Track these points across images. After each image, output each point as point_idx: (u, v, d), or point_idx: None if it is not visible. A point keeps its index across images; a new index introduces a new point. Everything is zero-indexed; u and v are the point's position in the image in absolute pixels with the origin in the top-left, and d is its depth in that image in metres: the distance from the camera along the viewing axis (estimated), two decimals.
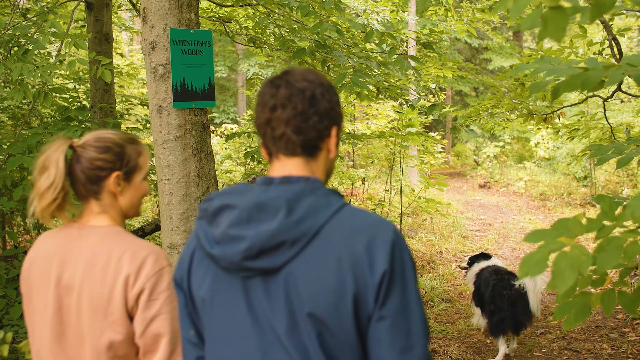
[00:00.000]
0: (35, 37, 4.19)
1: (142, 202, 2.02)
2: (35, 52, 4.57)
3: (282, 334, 1.37)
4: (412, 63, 5.20)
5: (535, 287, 4.88)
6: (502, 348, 5.12)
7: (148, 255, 1.79)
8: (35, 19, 4.72)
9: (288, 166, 1.47)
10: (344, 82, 4.94)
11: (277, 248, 1.36)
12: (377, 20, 5.29)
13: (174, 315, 1.77)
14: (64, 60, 4.72)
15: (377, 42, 5.13)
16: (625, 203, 2.25)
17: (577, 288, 1.63)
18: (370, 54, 5.76)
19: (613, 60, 5.43)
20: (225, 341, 1.45)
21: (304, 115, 1.44)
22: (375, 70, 5.65)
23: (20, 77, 3.90)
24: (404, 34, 7.54)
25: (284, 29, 6.14)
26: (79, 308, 1.77)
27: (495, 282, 5.17)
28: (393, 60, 5.00)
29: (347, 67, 5.07)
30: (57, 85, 5.12)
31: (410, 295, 1.36)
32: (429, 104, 5.62)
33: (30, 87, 5.09)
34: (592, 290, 1.69)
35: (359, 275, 1.33)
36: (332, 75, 6.42)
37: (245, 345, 1.42)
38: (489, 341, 5.55)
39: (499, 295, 5.09)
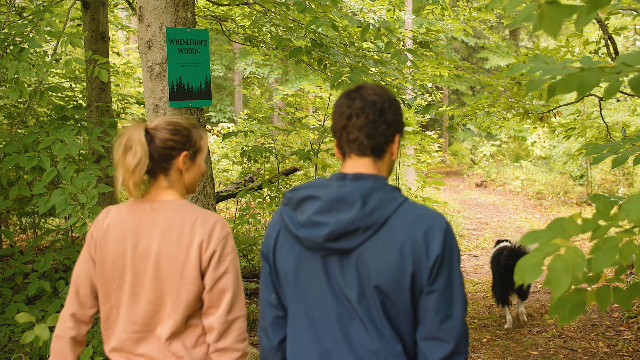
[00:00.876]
0: (31, 35, 4.18)
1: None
2: (31, 50, 4.56)
3: (353, 301, 1.72)
4: (410, 56, 5.20)
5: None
6: (508, 317, 5.95)
7: (216, 222, 2.10)
8: (31, 17, 4.71)
9: (359, 165, 1.80)
10: (340, 80, 4.93)
11: (353, 233, 1.70)
12: (374, 19, 5.29)
13: (237, 275, 2.11)
14: (60, 59, 4.71)
15: (373, 37, 5.11)
16: (621, 202, 2.26)
17: (572, 285, 1.63)
18: (367, 53, 5.76)
19: (609, 59, 5.44)
20: (307, 305, 1.81)
21: (374, 123, 1.76)
22: (372, 69, 5.65)
23: (15, 76, 3.89)
24: (401, 33, 7.54)
25: (281, 27, 6.14)
26: (155, 272, 2.07)
27: (500, 256, 5.84)
28: (390, 53, 5.00)
29: (344, 66, 5.06)
30: (53, 84, 5.11)
31: (455, 275, 1.71)
32: (426, 103, 5.62)
33: (26, 86, 5.08)
34: (587, 287, 1.70)
35: (417, 258, 1.68)
36: (328, 74, 6.42)
37: (323, 309, 1.78)
38: (485, 340, 5.56)
39: (501, 267, 5.76)
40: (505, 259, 5.77)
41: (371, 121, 1.76)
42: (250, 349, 4.39)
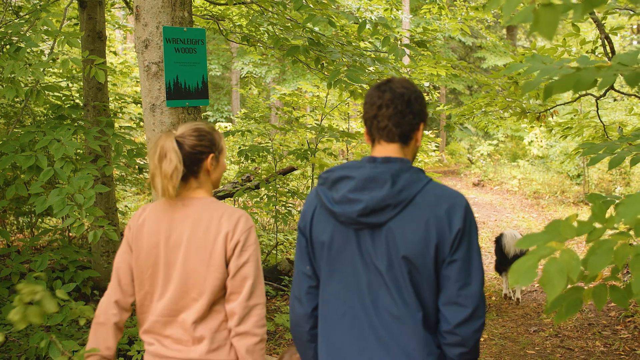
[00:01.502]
0: (27, 35, 4.18)
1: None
2: (28, 50, 4.56)
3: (382, 270, 1.92)
4: (407, 51, 5.19)
5: (513, 238, 7.21)
6: (505, 284, 7.48)
7: (241, 216, 2.34)
8: (27, 16, 4.70)
9: (388, 149, 2.00)
10: (338, 78, 4.92)
11: (383, 209, 1.89)
12: (371, 19, 5.28)
13: (258, 265, 2.33)
14: (57, 58, 4.70)
15: (370, 34, 5.10)
16: (617, 201, 2.26)
17: (569, 284, 1.64)
18: (365, 52, 5.76)
19: (605, 59, 5.45)
20: (341, 274, 2.01)
21: (402, 113, 1.97)
22: (369, 68, 5.64)
23: (12, 75, 3.89)
24: (398, 32, 7.55)
25: (278, 27, 6.14)
26: (184, 261, 2.30)
27: (500, 239, 7.42)
28: (387, 48, 4.99)
29: (342, 64, 5.06)
30: (49, 84, 5.10)
31: (473, 247, 1.91)
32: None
33: (22, 85, 5.07)
34: (584, 285, 1.70)
35: (440, 231, 1.87)
36: (325, 73, 6.42)
37: (355, 277, 1.97)
38: (482, 339, 5.57)
39: (499, 247, 7.37)
40: (498, 255, 7.46)
41: (399, 111, 1.97)
42: None
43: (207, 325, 2.33)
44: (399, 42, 5.20)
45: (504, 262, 7.26)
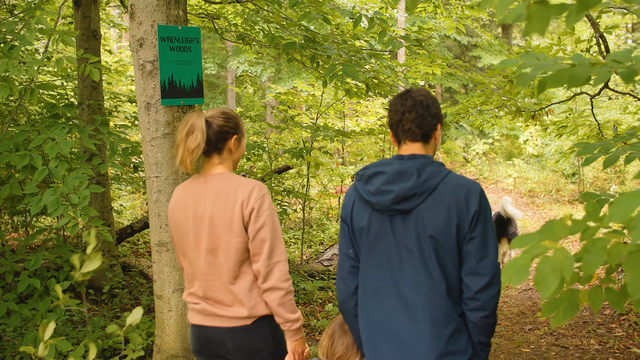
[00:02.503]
0: (22, 33, 4.16)
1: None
2: (22, 48, 4.54)
3: (412, 248, 2.27)
4: (403, 51, 5.18)
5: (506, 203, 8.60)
6: (500, 250, 8.25)
7: (255, 185, 2.65)
8: (22, 15, 4.69)
9: (412, 148, 2.37)
10: (334, 73, 4.92)
11: (411, 197, 2.25)
12: (366, 17, 5.27)
13: (274, 227, 2.63)
14: (52, 57, 4.68)
15: (366, 28, 5.09)
16: (611, 200, 2.26)
17: (565, 285, 1.64)
18: (361, 49, 5.75)
19: (600, 58, 5.46)
20: (377, 253, 2.36)
21: (423, 116, 2.34)
22: (365, 59, 5.63)
23: (6, 74, 3.87)
24: (394, 31, 7.54)
25: (273, 25, 6.13)
26: (209, 229, 2.64)
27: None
28: (384, 41, 4.99)
29: (338, 60, 5.05)
30: (44, 82, 5.08)
31: (488, 226, 2.26)
32: None
33: (17, 84, 5.05)
34: (580, 287, 1.70)
35: (460, 213, 2.22)
36: (321, 72, 6.41)
37: (389, 255, 2.33)
38: None
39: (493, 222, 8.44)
40: (495, 219, 8.44)
41: (420, 115, 2.34)
42: None
43: (240, 285, 2.66)
44: (395, 35, 5.20)
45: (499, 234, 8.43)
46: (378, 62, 6.22)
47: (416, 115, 2.34)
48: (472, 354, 2.29)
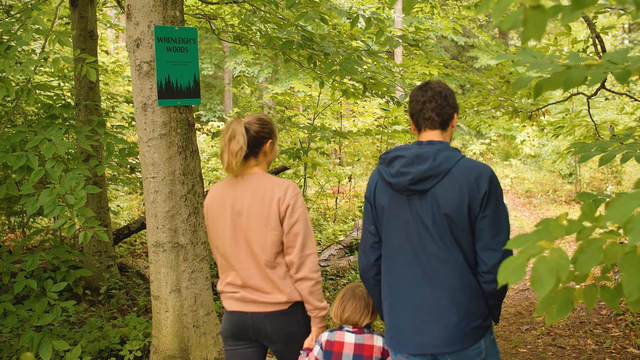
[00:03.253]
0: (18, 33, 4.15)
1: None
2: (19, 49, 4.53)
3: (428, 225, 2.49)
4: (400, 51, 5.19)
5: None
6: None
7: (289, 185, 2.91)
8: (18, 15, 4.68)
9: (431, 135, 2.60)
10: (332, 69, 4.92)
11: (427, 179, 2.47)
12: (364, 17, 5.27)
13: (307, 223, 2.89)
14: (48, 57, 4.67)
15: (364, 27, 5.09)
16: (608, 200, 2.27)
17: (560, 284, 1.64)
18: (358, 48, 5.75)
19: (597, 58, 5.46)
20: (397, 230, 2.59)
21: (441, 106, 2.58)
22: (364, 57, 5.63)
23: (2, 74, 3.87)
24: (390, 31, 7.54)
25: (270, 25, 6.13)
26: (247, 224, 2.88)
27: None
28: (382, 41, 4.99)
29: (336, 57, 5.06)
30: (40, 82, 5.07)
31: (500, 205, 2.47)
32: None
33: (13, 84, 5.04)
34: (575, 285, 1.71)
35: (471, 194, 2.43)
36: (318, 72, 6.41)
37: (408, 232, 2.55)
38: None
39: None
40: None
41: (439, 104, 2.57)
42: None
43: (276, 273, 2.91)
44: (392, 35, 5.20)
45: None
46: (375, 63, 6.23)
47: (435, 105, 2.58)
48: (487, 313, 2.56)
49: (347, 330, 2.92)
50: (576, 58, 1.75)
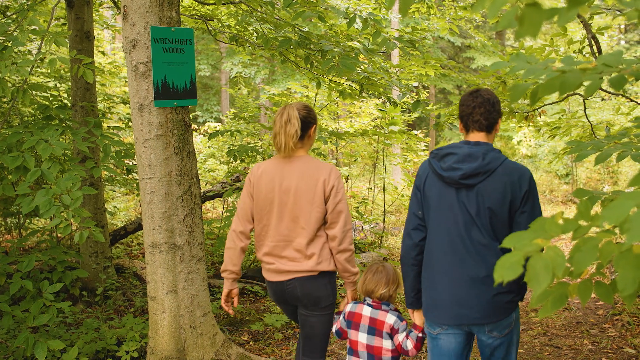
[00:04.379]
0: (14, 34, 4.15)
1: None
2: (15, 50, 4.52)
3: (473, 215, 2.84)
4: (396, 51, 5.19)
5: None
6: None
7: (331, 168, 3.30)
8: (15, 16, 4.67)
9: (478, 136, 2.94)
10: (331, 65, 4.92)
11: (476, 175, 2.81)
12: (360, 17, 5.28)
13: (346, 202, 3.29)
14: (45, 58, 4.67)
15: (360, 30, 5.10)
16: (603, 197, 2.27)
17: (555, 279, 1.64)
18: (356, 48, 5.75)
19: (592, 59, 5.48)
20: (443, 217, 2.92)
21: (489, 112, 2.91)
22: (361, 57, 5.63)
23: None
24: (387, 32, 7.55)
25: (267, 26, 6.13)
26: (294, 201, 3.25)
27: None
28: (379, 42, 4.99)
29: (334, 54, 5.06)
30: (36, 83, 5.06)
31: (536, 204, 2.85)
32: (413, 101, 5.62)
33: (10, 85, 5.03)
34: (570, 280, 1.71)
35: (513, 191, 2.80)
36: (314, 72, 6.42)
37: (455, 220, 2.88)
38: None
39: None
40: None
41: (487, 110, 2.90)
42: (236, 349, 4.39)
43: (314, 246, 3.29)
44: (389, 36, 5.20)
45: None
46: (371, 63, 6.23)
47: (484, 110, 2.90)
48: (517, 291, 2.91)
49: (367, 304, 3.34)
50: (570, 62, 1.76)
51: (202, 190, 8.33)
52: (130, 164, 6.38)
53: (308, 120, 3.33)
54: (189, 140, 4.13)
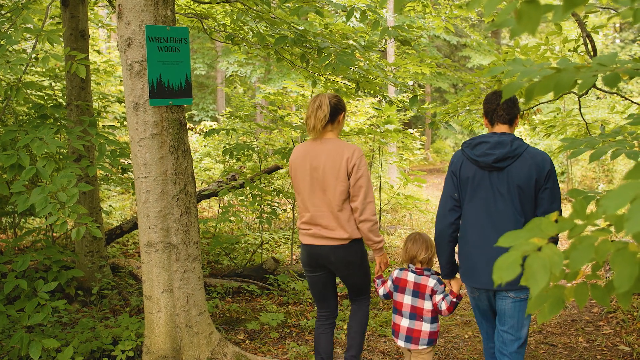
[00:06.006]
0: (8, 32, 4.13)
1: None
2: (10, 48, 4.51)
3: (504, 193, 3.36)
4: (392, 51, 5.19)
5: None
6: None
7: (355, 148, 3.80)
8: (9, 15, 4.66)
9: (502, 128, 3.49)
10: (327, 62, 4.92)
11: (506, 159, 3.35)
12: (356, 17, 5.28)
13: (368, 177, 3.81)
14: (38, 55, 4.65)
15: (358, 20, 5.10)
16: (598, 197, 2.27)
17: (551, 282, 1.65)
18: (351, 45, 5.75)
19: (588, 57, 5.49)
20: (478, 196, 3.45)
21: (510, 107, 3.46)
22: (358, 54, 5.64)
23: None
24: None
25: (263, 24, 6.12)
26: (323, 176, 3.80)
27: None
28: (378, 30, 5.00)
29: (330, 52, 5.06)
30: (30, 81, 5.05)
31: (556, 181, 3.39)
32: (409, 97, 5.62)
33: (4, 84, 5.00)
34: (566, 283, 1.71)
35: (538, 171, 3.32)
36: (310, 71, 6.41)
37: (487, 199, 3.41)
38: (467, 336, 5.60)
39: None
40: None
41: (509, 106, 3.45)
42: (232, 348, 4.39)
43: (342, 215, 3.81)
44: (385, 40, 5.21)
45: None
46: (367, 61, 6.23)
47: (506, 107, 3.44)
48: None
49: (411, 271, 3.85)
50: (565, 62, 1.76)
51: (197, 189, 8.32)
52: (126, 163, 6.37)
53: (338, 107, 3.88)
54: (185, 139, 4.12)
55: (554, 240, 3.26)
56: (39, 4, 7.06)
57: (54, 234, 6.77)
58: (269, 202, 7.48)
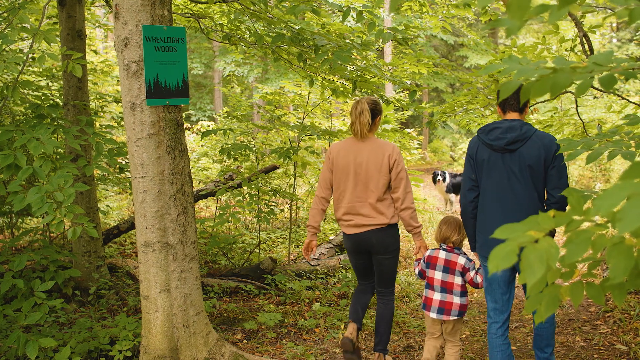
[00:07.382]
0: (5, 32, 4.12)
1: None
2: (6, 48, 4.50)
3: (516, 172, 3.77)
4: (389, 50, 5.20)
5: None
6: (449, 201, 12.68)
7: (394, 146, 4.36)
8: (5, 15, 4.65)
9: (513, 115, 3.87)
10: (325, 58, 4.92)
11: (516, 142, 3.75)
12: (353, 17, 5.28)
13: (406, 171, 4.35)
14: (34, 55, 4.64)
15: (355, 20, 5.11)
16: (594, 196, 2.28)
17: (548, 281, 1.65)
18: (348, 43, 5.76)
19: (584, 57, 5.50)
20: (493, 176, 3.85)
21: (518, 99, 3.74)
22: (355, 53, 5.64)
23: None
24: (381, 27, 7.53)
25: (260, 23, 6.11)
26: (366, 171, 4.33)
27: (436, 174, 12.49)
28: (374, 31, 5.00)
29: (328, 49, 5.06)
30: (26, 80, 5.04)
31: (563, 160, 3.72)
32: (406, 100, 5.63)
33: (1, 84, 5.00)
34: (563, 282, 1.72)
35: (546, 151, 3.72)
36: (307, 70, 6.41)
37: (501, 178, 3.82)
38: (464, 335, 5.60)
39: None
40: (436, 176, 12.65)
41: (519, 95, 3.70)
42: (230, 348, 4.39)
43: (383, 204, 4.36)
44: (382, 40, 5.21)
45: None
46: (364, 60, 6.23)
47: (517, 96, 3.78)
48: (550, 234, 3.35)
49: (442, 249, 4.32)
50: (562, 62, 1.76)
51: (195, 189, 8.32)
52: (123, 162, 6.36)
53: (375, 111, 4.40)
54: (182, 139, 4.12)
55: (551, 234, 3.47)
56: (35, 4, 7.04)
57: (51, 234, 6.76)
58: (266, 201, 7.48)
